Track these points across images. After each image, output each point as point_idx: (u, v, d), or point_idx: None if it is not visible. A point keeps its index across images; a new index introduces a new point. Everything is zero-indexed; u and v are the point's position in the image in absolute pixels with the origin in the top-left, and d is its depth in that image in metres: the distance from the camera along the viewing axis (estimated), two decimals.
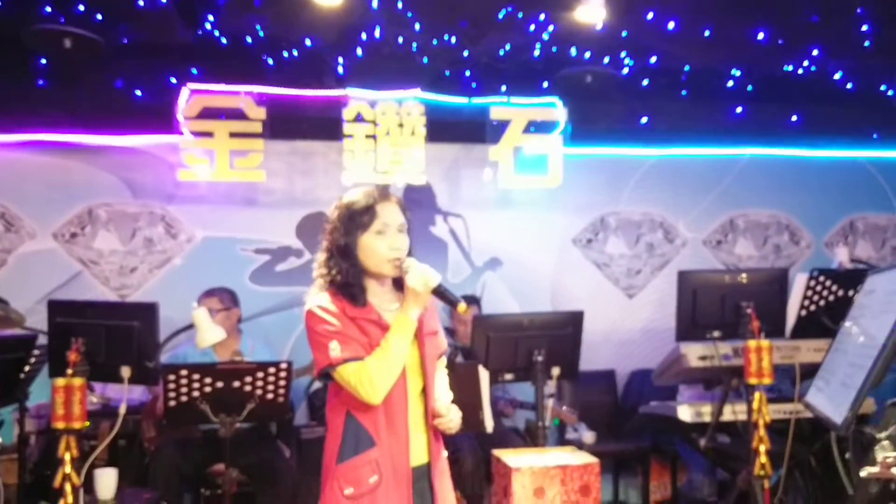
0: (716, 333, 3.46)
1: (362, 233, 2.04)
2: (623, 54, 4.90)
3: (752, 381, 3.21)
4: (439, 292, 2.03)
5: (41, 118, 4.73)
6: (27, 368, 3.59)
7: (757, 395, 3.25)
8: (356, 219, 2.05)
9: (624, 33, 4.50)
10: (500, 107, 5.19)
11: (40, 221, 4.95)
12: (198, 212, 5.10)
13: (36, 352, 3.56)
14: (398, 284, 2.12)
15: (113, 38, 4.33)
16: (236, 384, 3.32)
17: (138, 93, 4.62)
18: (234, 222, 5.13)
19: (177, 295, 4.35)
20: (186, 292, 4.15)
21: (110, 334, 3.09)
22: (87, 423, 4.27)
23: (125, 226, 5.05)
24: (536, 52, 4.67)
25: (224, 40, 4.38)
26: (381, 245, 2.03)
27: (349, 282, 2.04)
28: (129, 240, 5.06)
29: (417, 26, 4.35)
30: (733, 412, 3.55)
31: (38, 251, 4.93)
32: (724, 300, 3.41)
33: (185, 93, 4.72)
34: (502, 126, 5.17)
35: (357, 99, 4.95)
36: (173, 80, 4.62)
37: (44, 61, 4.42)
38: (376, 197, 2.08)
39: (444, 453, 2.21)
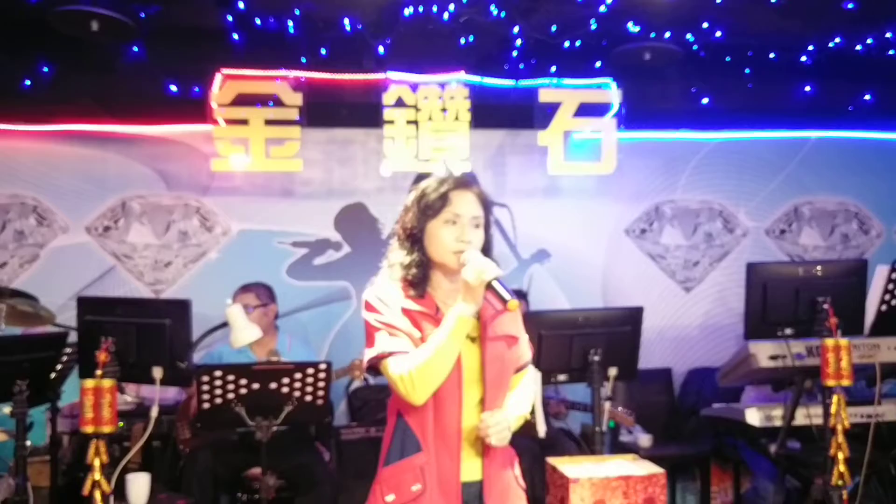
0: (788, 331, 3.22)
1: (431, 219, 1.94)
2: (685, 29, 4.61)
3: (830, 382, 2.99)
4: (492, 287, 1.85)
5: (72, 107, 4.64)
6: (59, 367, 3.47)
7: (835, 397, 3.02)
8: (427, 204, 1.95)
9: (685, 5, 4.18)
10: (549, 88, 4.97)
11: (73, 215, 4.88)
12: (233, 204, 5.00)
13: (68, 350, 3.45)
14: None
15: (143, 21, 4.18)
16: (273, 386, 3.17)
17: (172, 84, 4.48)
18: (271, 214, 5.02)
19: (212, 290, 4.25)
20: (222, 288, 4.04)
21: (141, 333, 2.99)
22: (121, 424, 4.20)
23: (159, 219, 4.96)
24: (592, 27, 4.36)
25: (258, 21, 4.19)
26: (448, 235, 1.92)
27: (411, 270, 1.94)
28: (163, 233, 4.97)
29: None
30: (807, 416, 3.32)
31: (70, 245, 4.86)
32: (798, 295, 3.18)
33: (218, 78, 4.57)
34: (551, 109, 4.95)
35: (398, 83, 4.77)
36: (207, 66, 4.45)
37: (73, 50, 4.28)
38: (452, 184, 1.96)
39: (511, 475, 2.04)
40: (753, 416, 3.50)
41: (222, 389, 3.15)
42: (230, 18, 4.22)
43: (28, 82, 4.41)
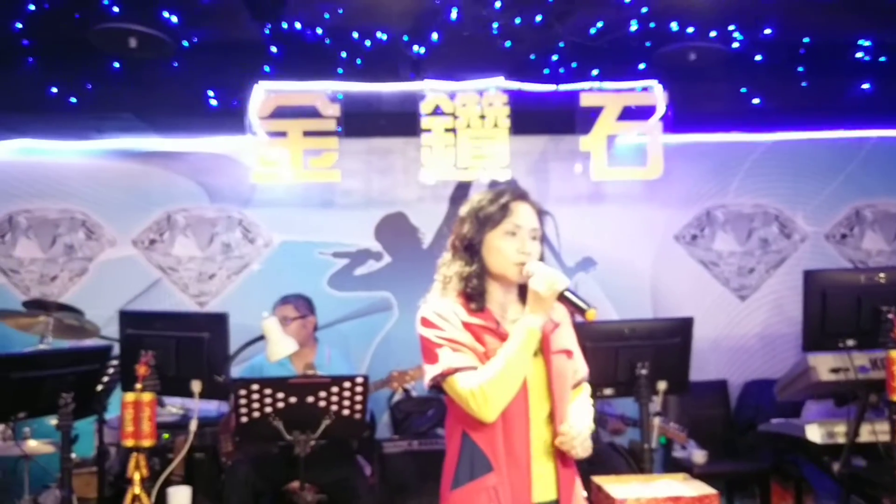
0: (850, 342, 3.12)
1: (491, 230, 1.90)
2: (732, 27, 4.44)
3: None
4: (565, 297, 1.83)
5: (117, 123, 4.73)
6: (105, 380, 3.50)
7: None
8: (487, 215, 1.91)
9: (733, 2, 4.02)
10: (591, 93, 4.85)
11: (120, 228, 4.97)
12: (275, 215, 5.03)
13: (114, 362, 3.46)
14: (524, 296, 1.92)
15: (181, 36, 4.23)
16: (310, 399, 3.14)
17: (212, 98, 4.51)
18: (312, 225, 5.04)
19: (255, 302, 4.25)
20: (264, 299, 4.04)
21: (180, 346, 3.03)
22: (167, 436, 4.21)
23: (203, 231, 5.02)
24: (633, 27, 4.23)
25: (297, 26, 4.19)
26: (509, 247, 1.88)
27: (470, 283, 1.90)
28: (206, 245, 5.02)
29: (498, 3, 4.00)
30: (872, 432, 3.21)
31: (118, 258, 4.95)
32: (860, 304, 3.07)
33: (257, 91, 4.60)
34: (594, 113, 4.83)
35: (435, 91, 4.71)
36: (246, 79, 4.48)
37: (116, 65, 4.36)
38: (512, 195, 1.94)
39: (582, 494, 2.01)
40: (814, 433, 3.36)
41: (259, 403, 3.12)
42: (267, 31, 4.23)
43: (74, 99, 4.49)
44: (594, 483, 2.87)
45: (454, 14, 4.02)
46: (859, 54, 4.75)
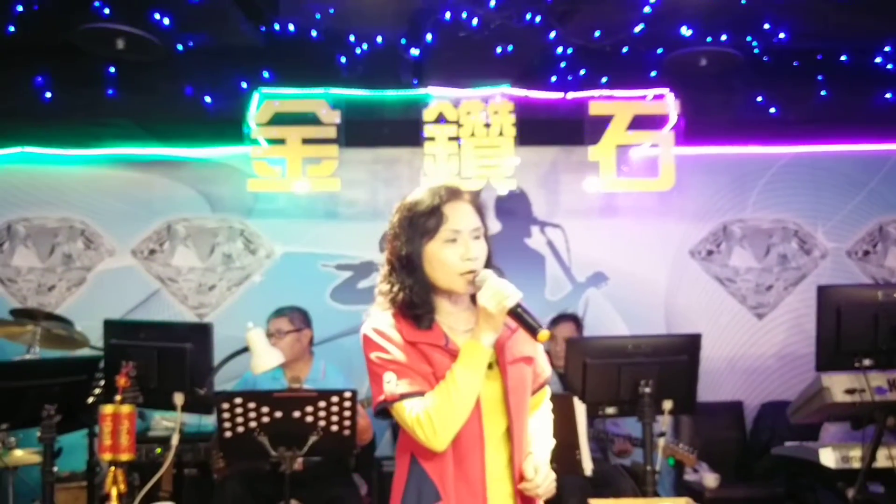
0: (866, 362, 3.04)
1: (428, 240, 1.71)
2: (744, 31, 4.31)
3: None
4: (516, 314, 1.66)
5: (115, 130, 4.70)
6: (97, 392, 3.42)
7: None
8: (420, 224, 1.72)
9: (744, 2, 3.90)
10: (600, 101, 4.76)
11: (119, 238, 4.93)
12: (277, 226, 4.97)
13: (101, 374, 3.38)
14: (476, 302, 1.76)
15: (175, 40, 4.18)
16: (296, 414, 3.05)
17: (210, 104, 4.48)
18: (315, 236, 4.96)
19: (255, 314, 4.10)
20: (265, 311, 3.95)
21: (162, 357, 2.96)
22: (159, 451, 4.12)
23: (203, 241, 4.96)
24: (637, 29, 4.11)
25: (291, 28, 4.13)
26: (452, 255, 1.70)
27: (412, 300, 1.72)
28: (207, 256, 4.97)
29: (493, 1, 3.91)
30: (889, 457, 3.12)
31: (117, 269, 4.90)
32: (877, 322, 2.98)
33: (256, 97, 4.56)
34: (604, 123, 4.73)
35: (439, 98, 4.64)
36: (244, 85, 4.43)
37: (112, 70, 4.34)
38: (444, 196, 1.73)
39: None
40: (828, 457, 3.28)
41: (244, 417, 3.04)
42: (265, 36, 4.18)
43: (71, 106, 4.48)
44: None
45: (447, 16, 3.92)
46: (879, 60, 4.61)
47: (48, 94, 4.50)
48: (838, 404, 3.14)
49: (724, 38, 4.13)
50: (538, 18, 3.89)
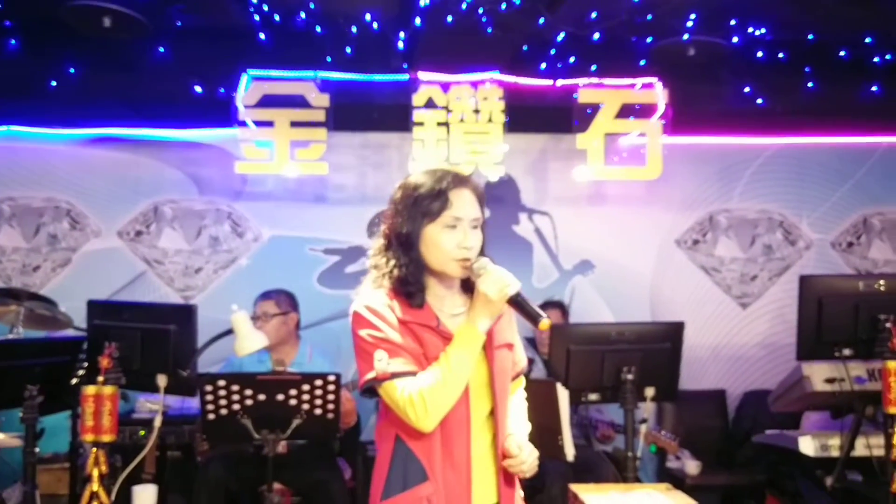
0: (846, 352, 3.05)
1: (429, 222, 1.74)
2: (732, 21, 4.32)
3: (893, 409, 2.81)
4: (517, 302, 1.71)
5: (102, 110, 4.65)
6: (81, 373, 3.40)
7: None
8: (423, 205, 1.74)
9: None
10: (589, 89, 4.76)
11: (106, 219, 4.89)
12: (265, 209, 4.94)
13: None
14: (466, 286, 1.83)
15: (163, 19, 4.13)
16: (280, 397, 3.03)
17: (197, 85, 4.44)
18: (303, 220, 4.95)
19: (242, 297, 4.09)
20: (252, 294, 3.94)
21: (146, 339, 2.95)
22: (143, 433, 4.12)
23: (191, 224, 4.93)
24: (625, 16, 4.11)
25: (282, 20, 4.10)
26: (449, 241, 1.73)
27: (406, 278, 1.74)
28: (194, 238, 4.93)
29: None
30: (867, 446, 3.13)
31: (102, 250, 4.86)
32: (858, 312, 3.00)
33: (244, 79, 4.53)
34: (592, 111, 4.74)
35: (428, 83, 4.62)
36: (233, 66, 4.40)
37: (100, 48, 4.27)
38: (450, 182, 1.75)
39: (520, 494, 1.90)
40: (807, 445, 3.29)
41: (227, 400, 3.01)
42: (257, 18, 4.14)
43: (53, 83, 4.42)
44: (571, 491, 2.76)
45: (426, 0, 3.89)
46: (864, 52, 4.62)
47: (34, 72, 4.45)
48: (818, 393, 3.15)
49: (712, 28, 4.14)
50: (528, 4, 3.88)
